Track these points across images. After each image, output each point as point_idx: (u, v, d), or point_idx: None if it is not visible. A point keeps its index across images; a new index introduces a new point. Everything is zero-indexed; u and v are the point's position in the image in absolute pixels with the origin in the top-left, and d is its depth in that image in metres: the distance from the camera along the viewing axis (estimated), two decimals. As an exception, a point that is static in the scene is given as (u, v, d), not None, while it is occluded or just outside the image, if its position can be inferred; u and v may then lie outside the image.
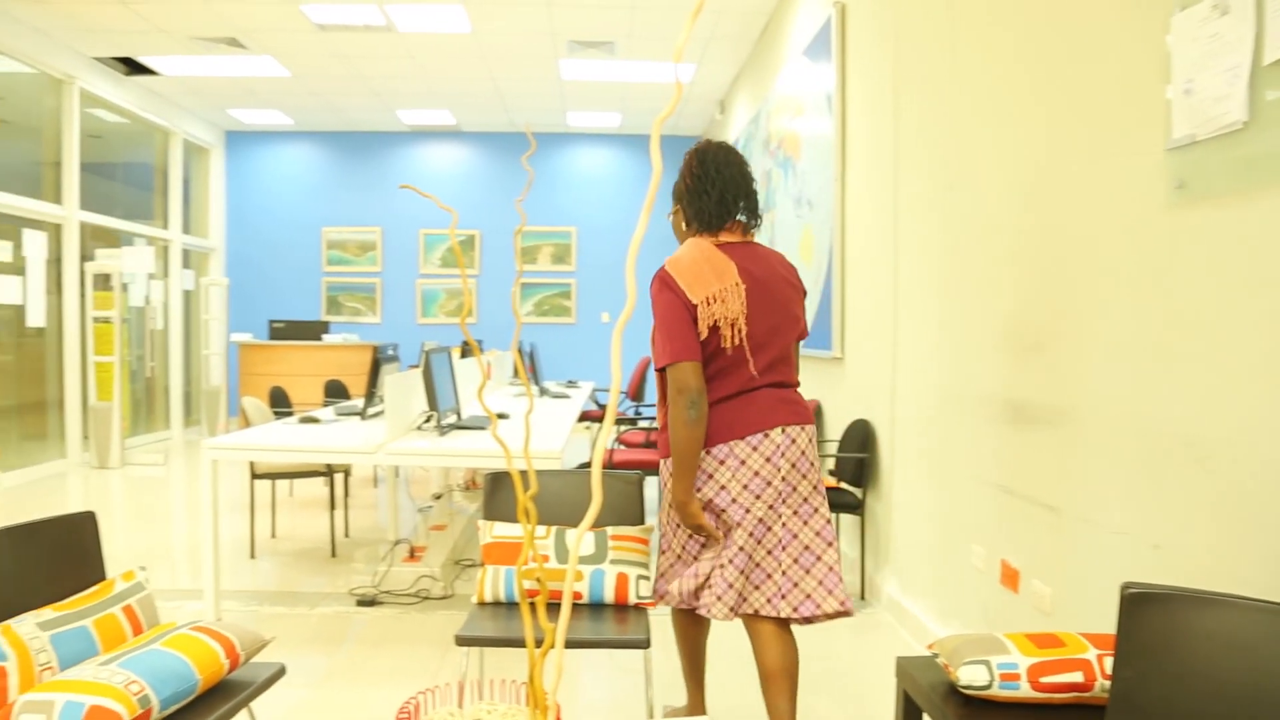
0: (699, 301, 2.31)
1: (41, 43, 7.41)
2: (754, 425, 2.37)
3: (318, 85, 8.94)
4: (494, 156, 10.89)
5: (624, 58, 7.90)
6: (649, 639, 2.30)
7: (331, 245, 10.93)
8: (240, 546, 5.01)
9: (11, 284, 7.16)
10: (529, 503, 1.04)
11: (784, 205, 6.13)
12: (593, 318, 10.90)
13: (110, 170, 9.19)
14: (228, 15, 6.93)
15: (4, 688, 1.71)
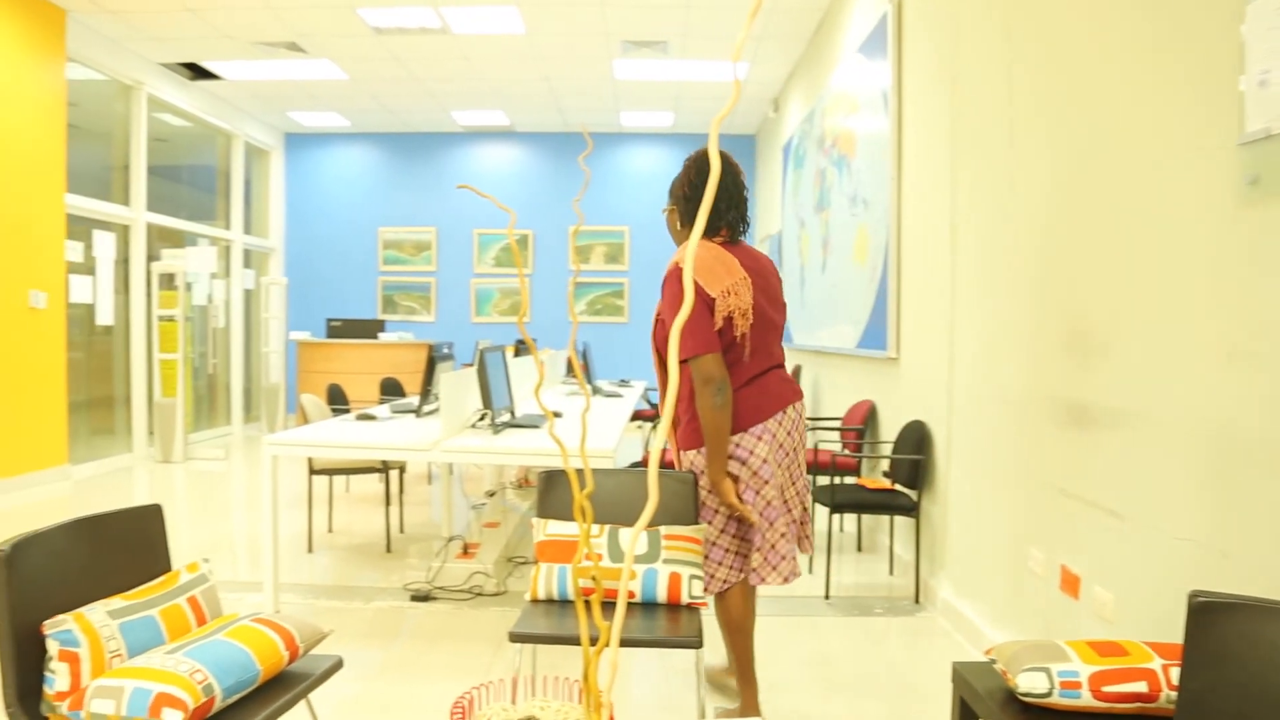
0: (716, 295, 2.55)
1: (113, 50, 7.63)
2: (775, 405, 2.65)
3: (374, 88, 9.07)
4: (547, 156, 10.95)
5: (677, 57, 7.89)
6: (701, 639, 2.30)
7: (387, 245, 11.09)
8: (298, 541, 5.10)
9: (82, 283, 7.39)
10: (585, 501, 1.05)
11: (839, 204, 6.08)
12: (645, 317, 10.91)
13: (175, 173, 9.43)
14: (288, 20, 7.07)
15: (77, 672, 1.76)
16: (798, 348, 7.74)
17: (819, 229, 6.73)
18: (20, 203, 6.47)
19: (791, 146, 8.07)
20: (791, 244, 7.98)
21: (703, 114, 9.96)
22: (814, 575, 4.53)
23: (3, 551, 1.77)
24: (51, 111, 6.81)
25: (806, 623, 3.86)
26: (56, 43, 6.85)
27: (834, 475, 4.60)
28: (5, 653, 1.76)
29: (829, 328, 6.36)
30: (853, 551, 5.08)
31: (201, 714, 1.73)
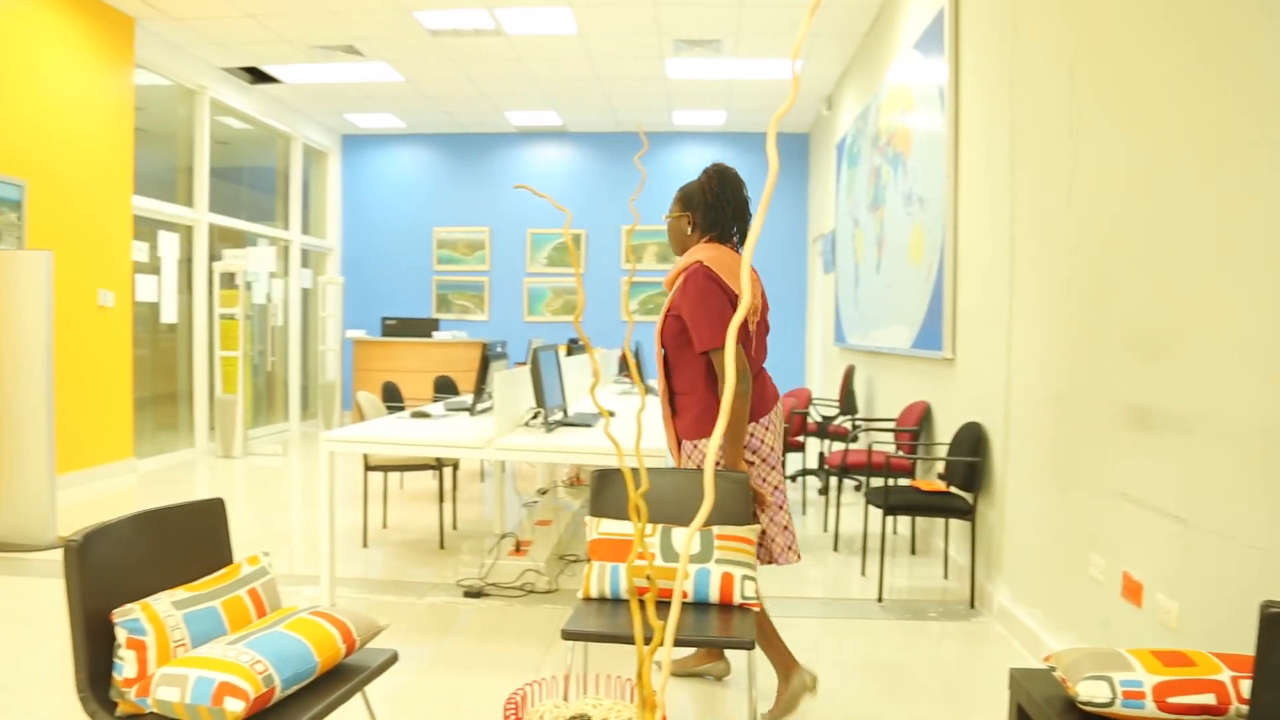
0: (738, 292, 2.74)
1: (177, 56, 7.82)
2: (773, 401, 2.92)
3: (429, 89, 9.18)
4: (599, 156, 10.99)
5: (730, 56, 7.87)
6: (754, 640, 2.29)
7: (442, 245, 11.21)
8: (353, 536, 5.18)
9: (148, 283, 7.59)
10: (640, 500, 1.05)
11: (893, 203, 6.01)
12: (696, 317, 10.89)
13: (236, 174, 9.64)
14: (346, 24, 7.18)
15: (144, 660, 1.81)
16: (851, 348, 7.67)
17: (873, 228, 6.66)
18: (91, 205, 6.66)
19: (845, 144, 8.00)
20: (845, 243, 7.91)
21: (755, 112, 9.92)
22: (867, 578, 4.48)
23: (75, 542, 1.83)
24: (120, 116, 7.00)
25: (859, 625, 3.83)
26: (125, 50, 7.04)
27: (888, 477, 4.54)
28: (77, 640, 1.82)
29: (883, 328, 6.29)
30: (906, 554, 5.02)
31: (261, 704, 1.77)
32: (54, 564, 4.54)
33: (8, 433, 4.87)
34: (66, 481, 6.32)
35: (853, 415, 6.88)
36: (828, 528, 5.60)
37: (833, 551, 5.06)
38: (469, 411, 4.66)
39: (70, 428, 6.33)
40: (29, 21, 6.04)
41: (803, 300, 10.80)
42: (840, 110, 8.58)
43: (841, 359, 8.36)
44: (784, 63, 8.06)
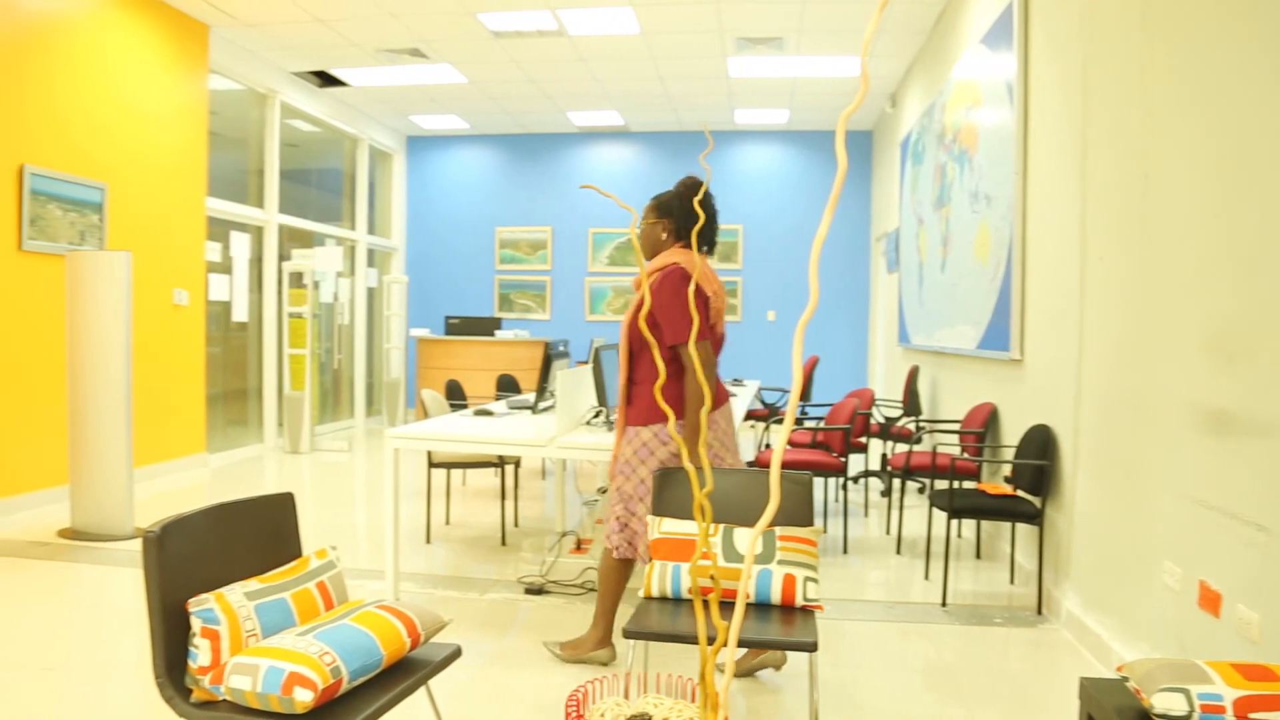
0: (710, 294, 3.06)
1: (249, 61, 8.02)
2: (721, 400, 3.17)
3: (493, 90, 9.27)
4: (660, 155, 10.99)
5: (793, 53, 7.81)
6: (816, 642, 2.27)
7: (504, 244, 11.32)
8: (417, 531, 5.26)
9: (220, 282, 7.80)
10: (705, 500, 1.05)
11: (960, 201, 5.91)
12: (758, 316, 10.84)
13: (305, 176, 9.85)
14: (412, 27, 7.29)
15: (217, 649, 1.86)
16: (914, 348, 7.56)
17: (938, 226, 6.55)
18: (167, 207, 6.87)
19: (910, 142, 7.89)
20: (909, 242, 7.80)
21: (818, 110, 9.83)
22: (930, 582, 4.42)
23: (153, 533, 1.89)
24: (195, 121, 7.20)
25: (922, 630, 3.77)
26: (200, 56, 7.24)
27: (952, 479, 4.47)
28: (155, 628, 1.88)
29: (948, 328, 6.19)
30: (971, 558, 4.93)
31: (329, 694, 1.80)
32: (131, 554, 4.69)
33: (89, 427, 5.04)
34: (142, 475, 6.53)
35: (916, 416, 6.79)
36: (890, 530, 5.53)
37: (895, 554, 4.99)
38: (531, 410, 4.69)
39: (147, 423, 6.53)
40: (109, 31, 6.24)
41: (865, 300, 10.69)
42: (904, 107, 8.47)
43: (905, 359, 8.25)
44: (847, 60, 7.97)
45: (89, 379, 5.04)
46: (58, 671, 3.13)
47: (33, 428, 5.66)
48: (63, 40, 5.84)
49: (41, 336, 5.70)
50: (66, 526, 5.16)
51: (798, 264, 10.76)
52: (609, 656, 3.25)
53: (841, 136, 0.84)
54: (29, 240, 5.58)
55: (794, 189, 10.78)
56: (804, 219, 10.72)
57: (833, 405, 5.81)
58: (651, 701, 1.67)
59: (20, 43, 5.51)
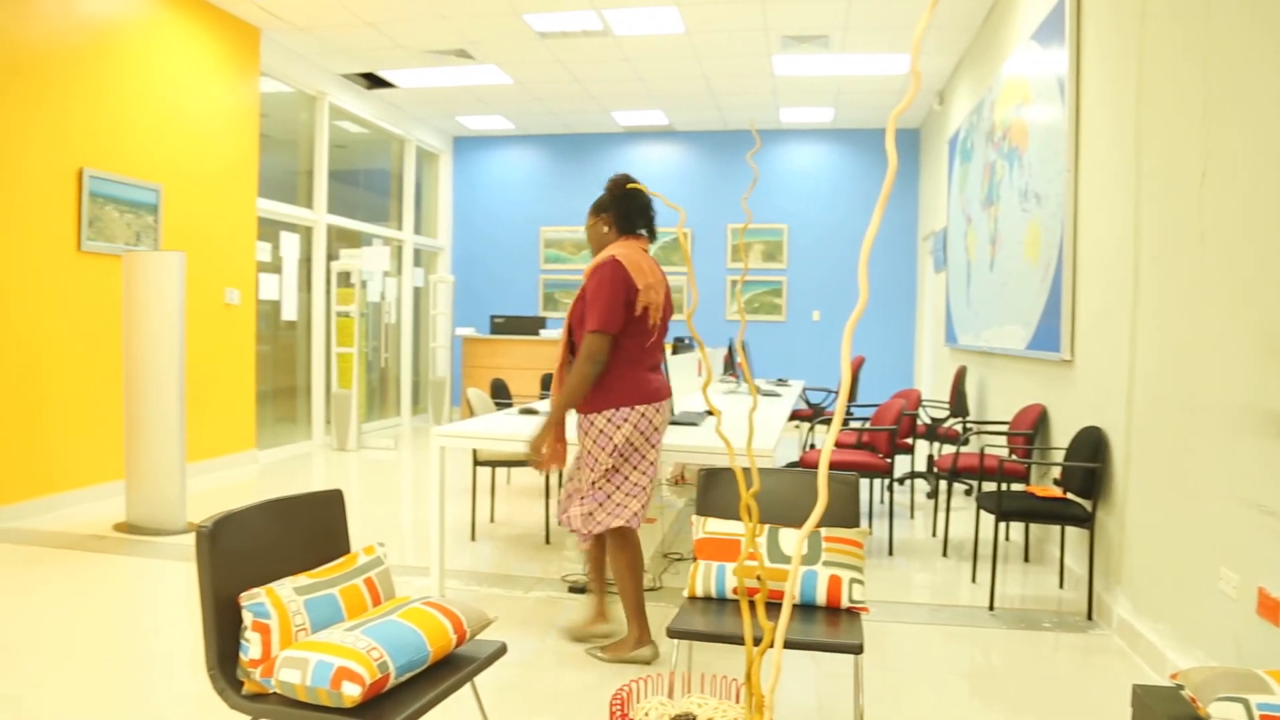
0: (642, 287, 3.10)
1: (299, 64, 8.15)
2: (659, 395, 3.23)
3: (538, 91, 9.32)
4: (705, 155, 10.97)
5: (838, 51, 7.75)
6: (862, 644, 2.25)
7: (549, 244, 11.38)
8: (462, 529, 5.30)
9: (270, 282, 7.93)
10: (751, 501, 1.04)
11: (1009, 199, 5.82)
12: (803, 316, 10.77)
13: (353, 177, 9.98)
14: (459, 28, 7.35)
15: (268, 643, 1.89)
16: (962, 348, 7.47)
17: (987, 225, 6.46)
18: (219, 208, 7.00)
19: (958, 140, 7.79)
20: (957, 241, 7.71)
21: (864, 109, 9.75)
22: (977, 585, 4.36)
23: (206, 528, 1.93)
24: (246, 123, 7.34)
25: (968, 633, 3.72)
26: (251, 60, 7.37)
27: (1001, 481, 4.41)
28: (208, 621, 1.91)
29: (996, 328, 6.10)
30: (1019, 562, 4.86)
31: (376, 689, 1.82)
32: (183, 548, 4.79)
33: (143, 424, 5.15)
34: (194, 470, 6.66)
35: (964, 417, 6.70)
36: (936, 532, 5.46)
37: (941, 557, 4.93)
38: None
39: (199, 419, 6.66)
40: (165, 37, 6.38)
41: (912, 300, 10.57)
42: (953, 105, 8.36)
43: (952, 360, 8.15)
44: (893, 57, 7.90)
45: (144, 376, 5.16)
46: (117, 661, 3.21)
47: (91, 424, 5.81)
48: (120, 46, 5.98)
49: (99, 335, 5.84)
50: (122, 520, 5.28)
51: (842, 263, 10.68)
52: (652, 654, 3.26)
53: (891, 135, 0.83)
54: (88, 241, 5.72)
55: (839, 188, 10.70)
56: (849, 218, 10.64)
57: (878, 406, 5.75)
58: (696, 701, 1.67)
59: (80, 49, 5.65)
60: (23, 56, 5.27)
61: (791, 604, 2.48)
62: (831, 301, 10.70)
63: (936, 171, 9.20)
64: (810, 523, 0.90)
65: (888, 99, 9.28)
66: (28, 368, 5.37)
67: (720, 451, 3.50)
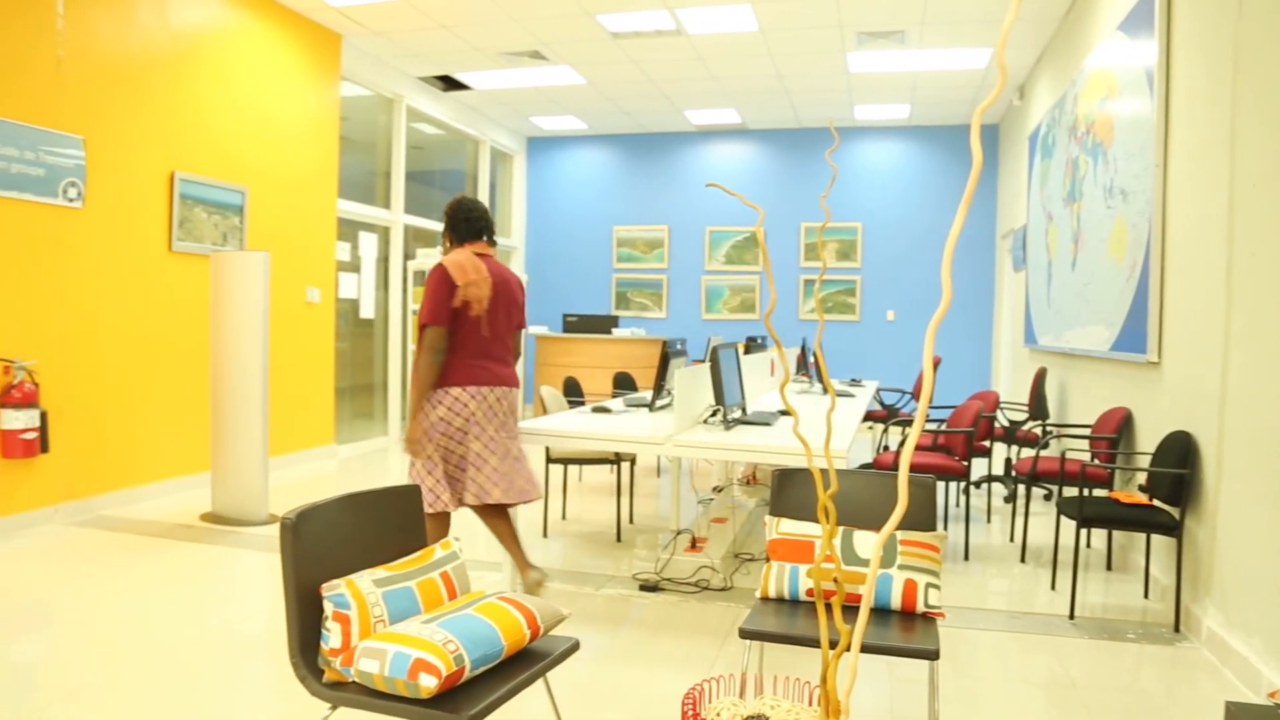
0: (461, 283, 3.55)
1: (377, 68, 8.32)
2: (478, 380, 3.61)
3: (611, 90, 9.36)
4: (777, 153, 10.90)
5: (915, 47, 7.63)
6: (938, 650, 2.21)
7: (621, 243, 11.42)
8: (534, 525, 5.36)
9: (349, 281, 8.11)
10: (829, 502, 1.03)
11: (1092, 196, 5.65)
12: (877, 315, 10.62)
13: (429, 178, 10.16)
14: (533, 30, 7.43)
15: (347, 633, 1.94)
16: (1042, 349, 7.28)
17: (1069, 222, 6.29)
18: (301, 209, 7.20)
19: (1039, 135, 7.60)
20: (1038, 239, 7.52)
21: (940, 105, 9.57)
22: (1057, 592, 4.25)
23: (289, 520, 1.98)
24: (327, 126, 7.52)
25: (1047, 642, 3.63)
26: (333, 65, 7.55)
27: (1082, 486, 4.29)
28: (290, 610, 1.97)
29: (1078, 328, 5.94)
30: (1101, 570, 4.72)
31: (451, 682, 1.85)
32: (264, 538, 4.93)
33: (228, 418, 5.32)
34: (276, 464, 6.86)
35: (1043, 420, 6.53)
36: (1014, 537, 5.34)
37: (1019, 563, 4.82)
38: (649, 408, 4.72)
39: (281, 414, 6.86)
40: (251, 45, 6.58)
41: (990, 299, 10.35)
42: (1033, 99, 8.16)
43: (1032, 361, 7.95)
44: (971, 52, 7.74)
45: (229, 372, 5.32)
46: (202, 646, 3.32)
47: (179, 418, 6.02)
48: (210, 55, 6.18)
49: (188, 332, 6.05)
50: (207, 511, 5.46)
51: (917, 263, 10.50)
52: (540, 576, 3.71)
53: (976, 130, 0.82)
54: (178, 241, 5.93)
55: (914, 186, 10.52)
56: (924, 216, 10.46)
57: (955, 407, 5.65)
58: (768, 703, 1.66)
59: (173, 59, 5.86)
60: (123, 67, 5.49)
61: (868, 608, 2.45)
62: (906, 301, 10.54)
63: (1016, 168, 8.99)
64: (889, 525, 0.89)
65: (964, 94, 9.10)
66: (123, 364, 5.59)
67: (791, 452, 3.47)
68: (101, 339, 5.44)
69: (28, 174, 4.90)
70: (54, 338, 5.12)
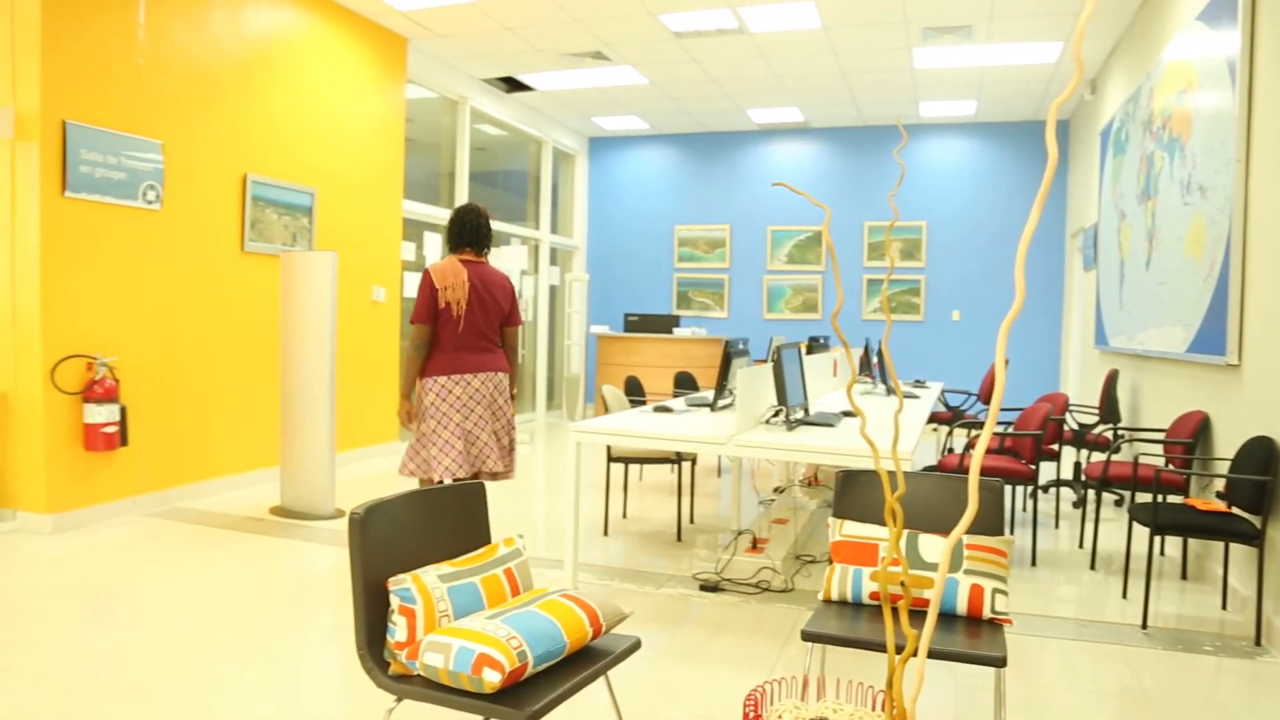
0: (441, 287, 4.09)
1: (443, 70, 8.44)
2: (460, 369, 4.15)
3: (673, 90, 9.36)
4: (840, 151, 10.78)
5: (982, 41, 7.49)
6: (1005, 657, 2.16)
7: (683, 243, 11.41)
8: (594, 524, 5.38)
9: (414, 280, 8.24)
10: (896, 504, 1.02)
11: (1168, 192, 5.49)
12: (942, 316, 10.45)
13: (492, 178, 10.26)
14: (595, 30, 7.46)
15: (413, 627, 1.97)
16: (1113, 351, 7.09)
17: (1143, 220, 6.12)
18: (368, 210, 7.33)
19: (1111, 130, 7.40)
20: (1109, 237, 7.33)
21: (1008, 100, 9.38)
22: (1128, 601, 4.14)
23: (358, 514, 2.02)
24: (393, 128, 7.65)
25: (1117, 652, 3.54)
26: (399, 68, 7.68)
27: (1156, 492, 4.17)
28: (358, 603, 2.01)
29: (1152, 329, 5.77)
30: (1175, 579, 4.58)
31: (515, 677, 1.87)
32: (331, 532, 5.03)
33: (298, 414, 5.44)
34: (342, 459, 7.00)
35: (1115, 424, 6.37)
36: (1083, 543, 5.21)
37: (1088, 570, 4.70)
38: (710, 407, 4.71)
39: (346, 411, 6.99)
40: (320, 49, 6.72)
41: (1059, 300, 10.11)
42: (1105, 94, 7.95)
43: (1102, 363, 7.75)
44: (1041, 46, 7.57)
45: (298, 370, 5.44)
46: (268, 637, 3.40)
47: (251, 413, 6.18)
48: (280, 60, 6.33)
49: (259, 330, 6.21)
50: (277, 504, 5.60)
51: (983, 262, 10.31)
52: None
53: (1052, 126, 0.80)
54: (249, 242, 6.08)
55: (980, 183, 10.33)
56: (991, 215, 10.26)
57: (1022, 410, 5.53)
58: (831, 707, 1.64)
59: (245, 64, 6.02)
60: (199, 73, 5.65)
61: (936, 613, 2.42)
62: (972, 301, 10.35)
63: (1087, 165, 8.77)
64: (959, 529, 0.87)
65: (1033, 89, 8.91)
66: (197, 361, 5.75)
67: (855, 453, 3.43)
68: (177, 336, 5.60)
69: (110, 178, 5.07)
70: (133, 335, 5.30)
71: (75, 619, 3.56)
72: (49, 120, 4.77)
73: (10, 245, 4.85)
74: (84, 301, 5.01)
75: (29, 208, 4.78)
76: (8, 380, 4.92)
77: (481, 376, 4.22)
